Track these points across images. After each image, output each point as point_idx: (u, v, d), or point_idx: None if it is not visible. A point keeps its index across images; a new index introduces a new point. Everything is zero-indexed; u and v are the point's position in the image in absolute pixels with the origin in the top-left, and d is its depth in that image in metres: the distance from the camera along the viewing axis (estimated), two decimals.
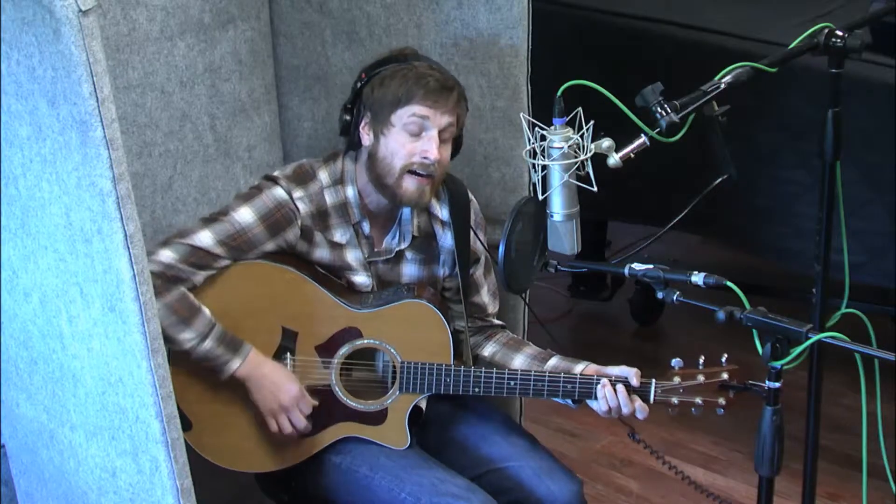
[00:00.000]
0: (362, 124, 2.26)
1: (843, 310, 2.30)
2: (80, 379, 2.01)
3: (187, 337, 2.15)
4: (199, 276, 2.20)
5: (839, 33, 2.12)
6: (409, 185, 2.23)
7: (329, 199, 2.30)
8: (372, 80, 2.24)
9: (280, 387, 2.24)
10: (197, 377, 2.24)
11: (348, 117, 2.28)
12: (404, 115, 2.20)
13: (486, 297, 2.49)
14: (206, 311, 2.19)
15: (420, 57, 2.28)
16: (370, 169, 2.26)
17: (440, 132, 2.21)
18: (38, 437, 2.20)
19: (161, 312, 1.87)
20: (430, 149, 2.20)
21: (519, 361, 2.40)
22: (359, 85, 2.27)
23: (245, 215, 2.24)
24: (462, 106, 2.26)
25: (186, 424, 2.08)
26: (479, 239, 2.42)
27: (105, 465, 2.06)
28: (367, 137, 2.26)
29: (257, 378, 2.23)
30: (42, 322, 2.02)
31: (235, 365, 2.21)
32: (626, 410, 2.22)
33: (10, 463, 2.35)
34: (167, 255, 2.17)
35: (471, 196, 2.42)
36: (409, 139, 2.21)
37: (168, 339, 2.10)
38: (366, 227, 2.33)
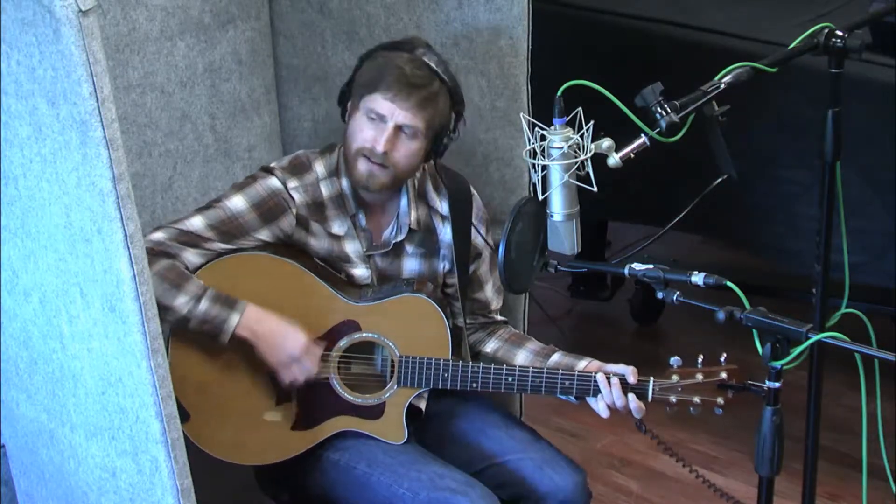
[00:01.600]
0: (348, 105, 2.30)
1: (843, 310, 2.30)
2: (80, 379, 2.01)
3: (182, 301, 2.14)
4: (188, 253, 2.20)
5: (839, 33, 2.12)
6: (361, 167, 2.25)
7: (325, 190, 2.31)
8: (363, 62, 2.28)
9: (286, 337, 2.22)
10: (195, 367, 2.24)
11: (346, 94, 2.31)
12: (367, 102, 2.22)
13: (491, 293, 2.48)
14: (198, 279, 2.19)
15: (425, 48, 2.26)
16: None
17: (400, 127, 2.21)
18: (38, 437, 2.20)
19: (152, 281, 1.87)
20: (379, 140, 2.21)
21: (522, 357, 2.40)
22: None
23: (237, 202, 2.25)
24: (435, 109, 2.23)
25: (184, 416, 2.08)
26: (482, 234, 2.42)
27: (105, 465, 2.06)
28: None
29: (262, 333, 2.21)
30: (42, 322, 2.02)
31: (235, 320, 2.18)
32: (619, 404, 2.21)
33: (10, 463, 2.35)
34: (157, 234, 2.20)
35: (474, 192, 2.42)
36: (368, 124, 2.22)
37: (164, 309, 2.08)
38: (362, 219, 2.34)
